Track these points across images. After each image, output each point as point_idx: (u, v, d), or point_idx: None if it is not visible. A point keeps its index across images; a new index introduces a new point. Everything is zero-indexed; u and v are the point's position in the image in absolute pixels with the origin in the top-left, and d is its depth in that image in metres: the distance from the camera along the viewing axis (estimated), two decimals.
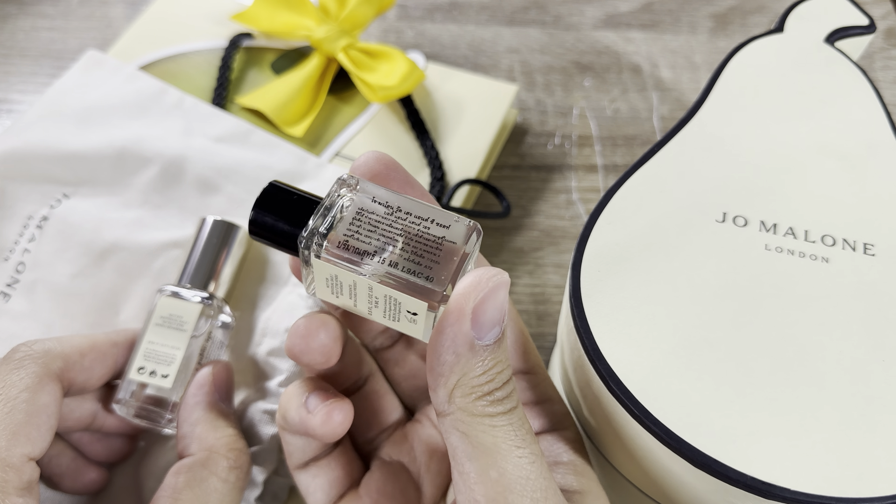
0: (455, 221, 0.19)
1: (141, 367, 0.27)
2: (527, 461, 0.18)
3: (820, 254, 0.26)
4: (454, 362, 0.18)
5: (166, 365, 0.27)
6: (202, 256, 0.30)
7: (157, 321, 0.28)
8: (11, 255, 0.32)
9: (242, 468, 0.25)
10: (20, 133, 0.35)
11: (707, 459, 0.21)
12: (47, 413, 0.23)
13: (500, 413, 0.18)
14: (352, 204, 0.19)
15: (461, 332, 0.18)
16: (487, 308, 0.18)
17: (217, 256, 0.30)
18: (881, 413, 0.22)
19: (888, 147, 0.29)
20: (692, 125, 0.30)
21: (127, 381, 0.27)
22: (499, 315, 0.18)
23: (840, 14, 0.34)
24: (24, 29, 0.48)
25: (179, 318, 0.28)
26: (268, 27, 0.41)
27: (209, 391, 0.26)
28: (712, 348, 0.23)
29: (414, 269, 0.19)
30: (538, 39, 0.48)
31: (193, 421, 0.25)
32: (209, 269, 0.30)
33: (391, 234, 0.19)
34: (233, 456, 0.25)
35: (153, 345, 0.27)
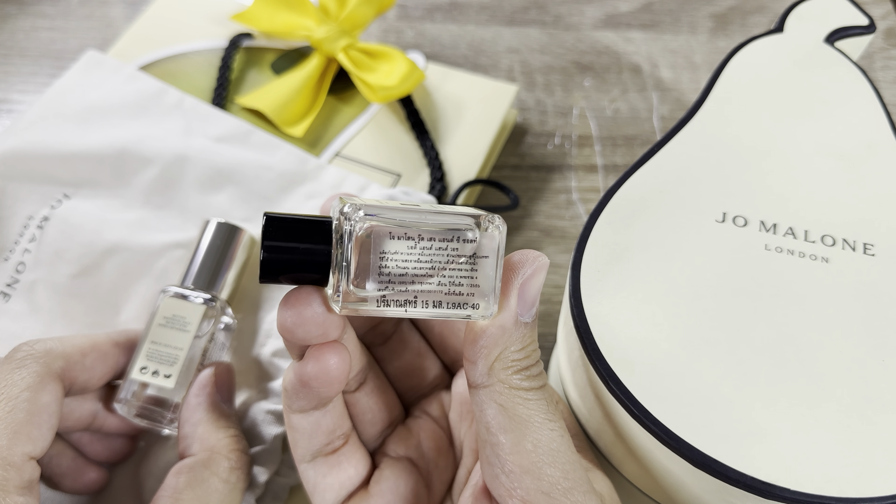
0: (476, 227, 0.18)
1: (143, 366, 0.27)
2: (557, 434, 0.19)
3: (820, 254, 0.26)
4: (499, 335, 0.19)
5: (169, 365, 0.27)
6: (206, 258, 0.30)
7: (160, 321, 0.28)
8: (11, 255, 0.32)
9: (243, 469, 0.25)
10: (20, 133, 0.35)
11: (707, 459, 0.21)
12: (48, 412, 0.23)
13: (534, 388, 0.19)
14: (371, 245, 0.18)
15: (508, 309, 0.19)
16: (531, 287, 0.19)
17: (220, 259, 0.30)
18: (881, 413, 0.22)
19: (888, 147, 0.29)
20: (692, 125, 0.30)
21: (129, 380, 0.27)
22: (537, 295, 0.19)
23: (840, 14, 0.34)
24: (24, 29, 0.48)
25: (183, 319, 0.28)
26: (268, 27, 0.41)
27: (211, 392, 0.26)
28: (712, 348, 0.23)
29: (457, 302, 0.19)
30: (538, 39, 0.48)
31: (195, 421, 0.25)
32: (213, 271, 0.30)
33: (422, 271, 0.18)
34: (234, 457, 0.25)
35: (156, 345, 0.27)
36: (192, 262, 0.30)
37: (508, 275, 0.19)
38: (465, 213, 0.19)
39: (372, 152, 0.38)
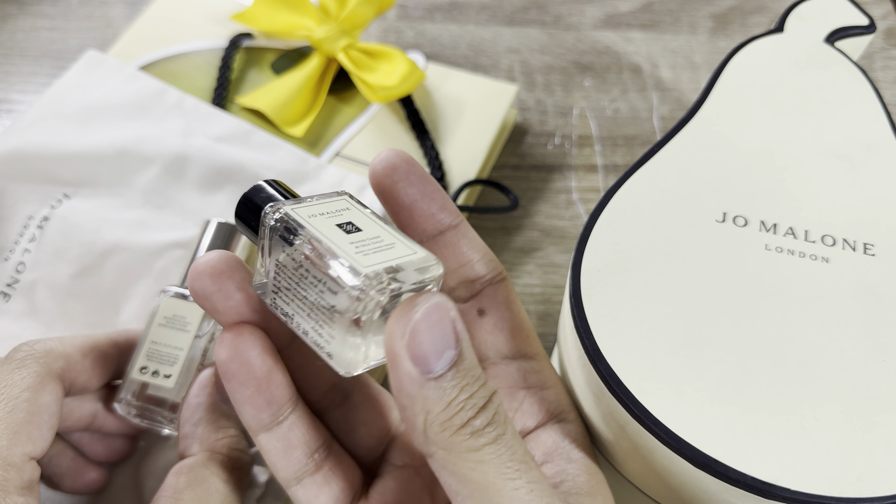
0: (349, 287, 0.17)
1: (143, 366, 0.27)
2: (524, 492, 0.17)
3: (820, 254, 0.26)
4: (411, 404, 0.17)
5: (169, 365, 0.27)
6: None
7: (160, 321, 0.28)
8: (11, 255, 0.32)
9: (244, 469, 0.25)
10: (20, 133, 0.35)
11: (707, 459, 0.21)
12: (48, 413, 0.23)
13: (484, 445, 0.17)
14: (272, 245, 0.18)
15: (403, 374, 0.16)
16: (423, 339, 0.16)
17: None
18: (881, 413, 0.22)
19: (888, 147, 0.29)
20: (692, 125, 0.30)
21: (129, 380, 0.27)
22: (443, 340, 0.17)
23: (840, 14, 0.34)
24: (24, 29, 0.48)
25: (183, 319, 0.28)
26: (268, 27, 0.41)
27: (211, 392, 0.26)
28: (712, 348, 0.23)
29: (318, 342, 0.18)
30: (538, 39, 0.48)
31: (195, 421, 0.25)
32: None
33: (299, 296, 0.18)
34: (234, 457, 0.25)
35: (156, 345, 0.27)
36: (192, 262, 0.30)
37: (389, 340, 0.17)
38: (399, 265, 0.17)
39: (372, 152, 0.38)
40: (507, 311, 0.23)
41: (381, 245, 0.18)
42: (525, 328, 0.24)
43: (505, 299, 0.23)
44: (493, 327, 0.23)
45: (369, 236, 0.18)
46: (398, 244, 0.18)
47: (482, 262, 0.23)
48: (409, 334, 0.16)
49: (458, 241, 0.22)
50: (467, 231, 0.22)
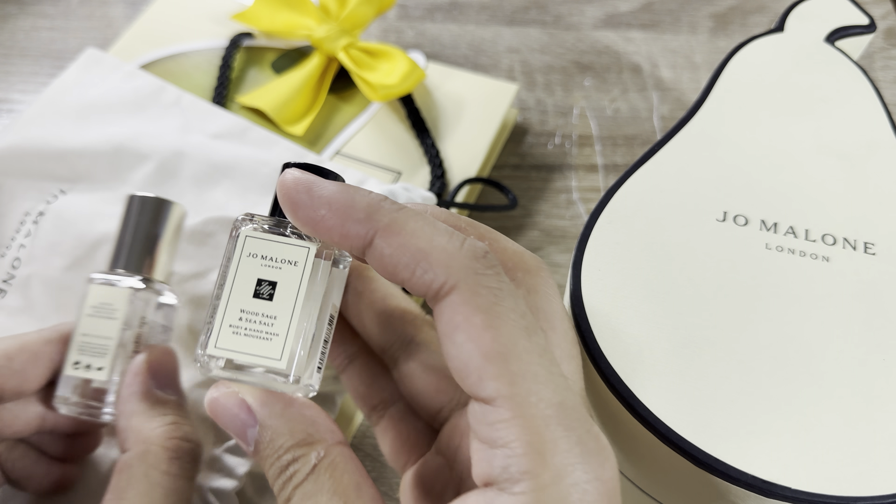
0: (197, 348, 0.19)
1: (76, 361, 0.25)
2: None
3: (820, 253, 0.26)
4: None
5: (100, 357, 0.26)
6: (133, 238, 0.28)
7: (88, 311, 0.26)
8: (8, 252, 0.32)
9: (185, 457, 0.23)
10: (19, 130, 0.35)
11: (708, 458, 0.21)
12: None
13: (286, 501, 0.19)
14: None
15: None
16: (223, 425, 0.19)
17: (150, 236, 0.28)
18: (881, 412, 0.22)
19: (888, 146, 0.29)
20: (692, 125, 0.30)
21: (64, 377, 0.26)
22: (237, 424, 0.19)
23: (840, 13, 0.34)
24: (24, 29, 0.48)
25: (110, 307, 0.26)
26: (268, 27, 0.41)
27: (143, 380, 0.25)
28: (713, 347, 0.23)
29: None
30: (538, 39, 0.48)
31: (128, 413, 0.24)
32: (142, 250, 0.28)
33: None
34: (171, 445, 0.23)
35: (86, 337, 0.26)
36: (118, 244, 0.28)
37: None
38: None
39: (372, 150, 0.38)
40: (450, 346, 0.17)
41: (263, 330, 0.18)
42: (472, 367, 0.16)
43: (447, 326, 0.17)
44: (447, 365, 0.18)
45: (267, 313, 0.18)
46: (278, 339, 0.18)
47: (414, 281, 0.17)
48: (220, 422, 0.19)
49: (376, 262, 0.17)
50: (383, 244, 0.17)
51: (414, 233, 0.17)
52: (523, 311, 0.17)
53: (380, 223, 0.17)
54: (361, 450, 0.32)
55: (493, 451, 0.16)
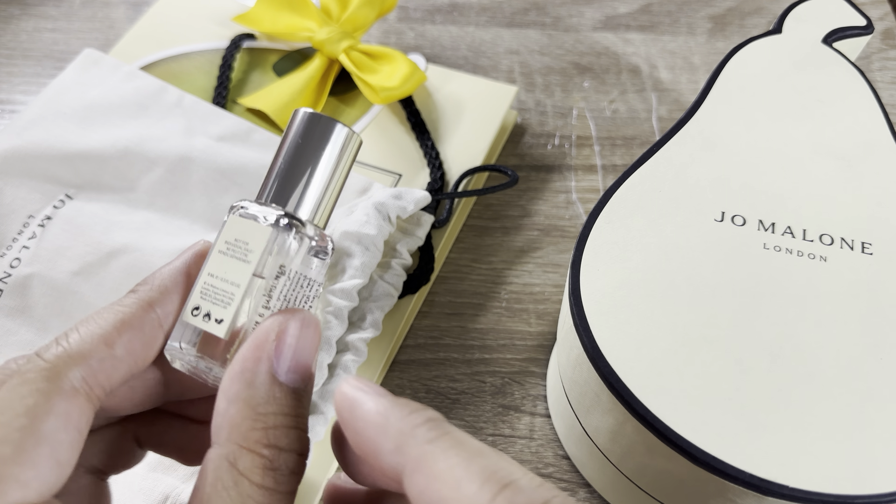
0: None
1: (196, 306, 0.20)
2: None
3: (818, 253, 0.26)
4: None
5: (223, 306, 0.20)
6: (290, 165, 0.21)
7: (220, 247, 0.20)
8: (8, 252, 0.32)
9: (284, 469, 0.18)
10: (20, 132, 0.35)
11: (706, 457, 0.21)
12: (53, 443, 0.17)
13: None
14: None
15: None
16: None
17: (308, 164, 0.21)
18: (879, 410, 0.22)
19: (886, 147, 0.29)
20: (690, 126, 0.30)
21: (180, 322, 0.20)
22: None
23: (838, 15, 0.34)
24: (26, 30, 0.48)
25: (245, 246, 0.20)
26: (270, 29, 0.42)
27: (265, 356, 0.18)
28: (711, 346, 0.23)
29: None
30: (538, 41, 0.48)
31: (231, 395, 0.18)
32: (298, 182, 0.21)
33: None
34: (270, 455, 0.17)
35: (212, 278, 0.20)
36: (270, 170, 0.22)
37: None
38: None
39: (373, 153, 0.38)
40: None
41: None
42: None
43: None
44: None
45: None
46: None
47: None
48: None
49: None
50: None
51: (441, 475, 0.14)
52: None
53: (408, 457, 0.15)
54: None
55: None
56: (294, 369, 0.18)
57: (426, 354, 0.34)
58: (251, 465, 0.17)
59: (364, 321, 0.31)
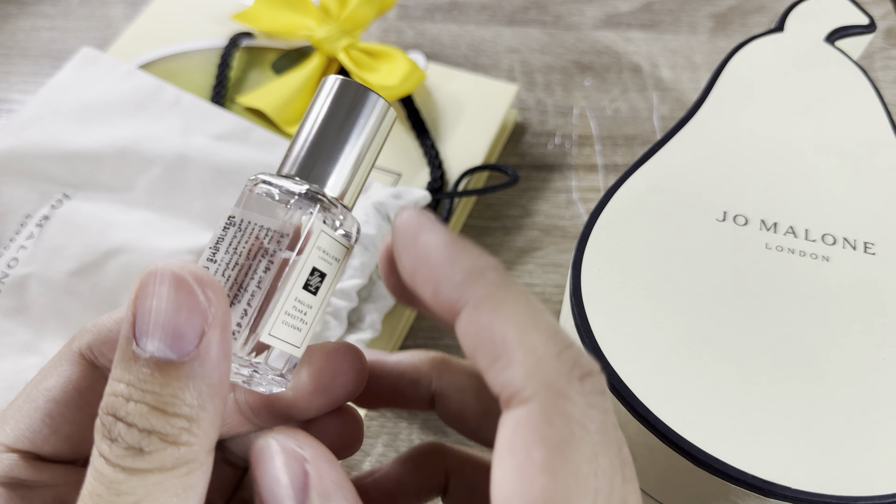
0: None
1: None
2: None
3: (820, 252, 0.26)
4: None
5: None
6: (320, 135, 0.18)
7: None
8: (6, 252, 0.32)
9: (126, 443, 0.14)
10: (17, 131, 0.35)
11: (708, 458, 0.21)
12: (44, 398, 0.17)
13: None
14: None
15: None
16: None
17: (338, 137, 0.18)
18: (881, 411, 0.22)
19: (888, 146, 0.29)
20: (692, 125, 0.30)
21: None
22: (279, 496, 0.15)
23: (840, 13, 0.34)
24: (24, 29, 0.48)
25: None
26: (268, 27, 0.41)
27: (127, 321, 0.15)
28: (713, 347, 0.23)
29: None
30: (538, 39, 0.48)
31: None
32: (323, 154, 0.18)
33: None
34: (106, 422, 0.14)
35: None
36: (294, 141, 0.19)
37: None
38: None
39: None
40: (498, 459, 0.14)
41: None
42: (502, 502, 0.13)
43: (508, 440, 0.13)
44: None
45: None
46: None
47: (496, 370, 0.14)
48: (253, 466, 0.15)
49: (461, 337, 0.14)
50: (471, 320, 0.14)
51: (508, 318, 0.14)
52: (607, 465, 0.13)
53: (474, 294, 0.14)
54: (361, 449, 0.32)
55: None
56: (156, 336, 0.14)
57: None
58: (98, 438, 0.15)
59: (363, 322, 0.31)
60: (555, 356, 0.13)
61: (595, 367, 0.14)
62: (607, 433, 0.13)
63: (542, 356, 0.13)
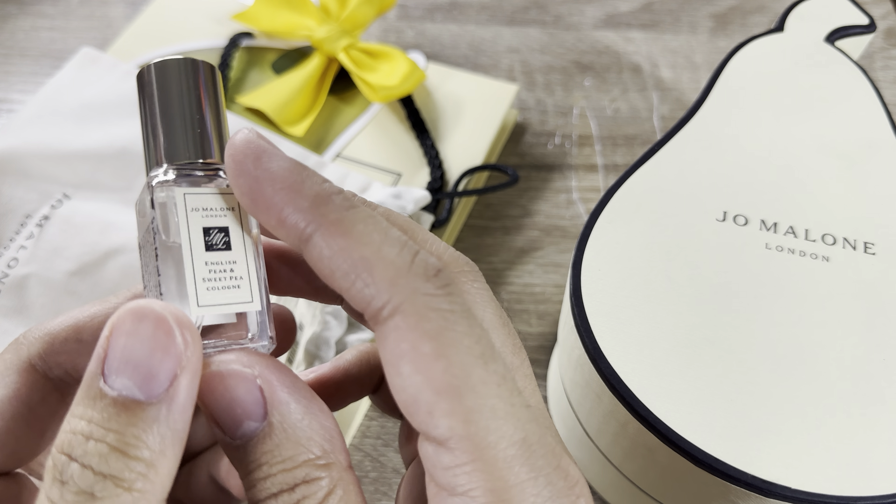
0: None
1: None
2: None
3: (820, 253, 0.26)
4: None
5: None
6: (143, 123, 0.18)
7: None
8: (6, 252, 0.32)
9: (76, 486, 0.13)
10: (17, 131, 0.35)
11: (708, 458, 0.21)
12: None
13: None
14: None
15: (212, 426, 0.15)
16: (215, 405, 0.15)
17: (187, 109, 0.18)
18: (881, 412, 0.22)
19: (888, 146, 0.29)
20: (692, 125, 0.30)
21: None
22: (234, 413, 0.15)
23: (840, 13, 0.34)
24: (24, 29, 0.48)
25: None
26: (269, 27, 0.41)
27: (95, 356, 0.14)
28: (713, 347, 0.23)
29: None
30: (538, 39, 0.48)
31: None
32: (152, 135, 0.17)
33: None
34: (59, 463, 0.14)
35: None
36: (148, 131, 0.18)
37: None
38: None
39: (373, 152, 0.38)
40: (395, 377, 0.14)
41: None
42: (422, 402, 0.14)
43: (392, 354, 0.14)
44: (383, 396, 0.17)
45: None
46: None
47: (352, 293, 0.15)
48: (200, 397, 0.15)
49: (314, 262, 0.15)
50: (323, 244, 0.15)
51: (361, 238, 0.14)
52: (479, 336, 0.14)
53: (324, 218, 0.15)
54: (361, 449, 0.32)
55: (452, 498, 0.14)
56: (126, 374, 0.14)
57: None
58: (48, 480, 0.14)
59: None
60: (409, 263, 0.14)
61: (440, 265, 0.15)
62: (467, 310, 0.15)
63: (399, 266, 0.14)
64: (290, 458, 0.14)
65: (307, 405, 0.15)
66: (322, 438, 0.15)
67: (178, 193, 0.16)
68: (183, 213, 0.16)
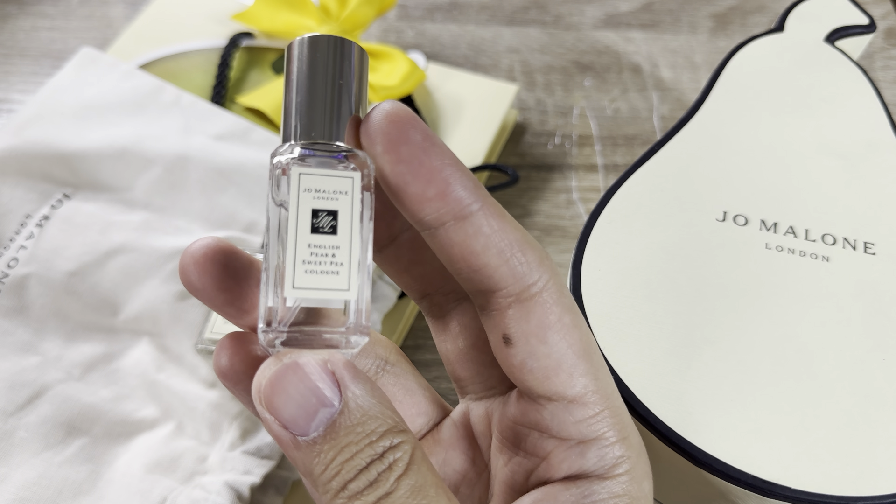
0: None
1: None
2: None
3: (820, 253, 0.26)
4: (294, 465, 0.16)
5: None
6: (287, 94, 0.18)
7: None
8: (6, 252, 0.32)
9: None
10: (17, 131, 0.35)
11: (708, 458, 0.21)
12: None
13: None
14: None
15: (275, 437, 0.15)
16: (280, 404, 0.15)
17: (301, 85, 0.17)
18: (881, 411, 0.22)
19: (888, 146, 0.29)
20: (692, 125, 0.30)
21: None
22: (307, 402, 0.15)
23: (840, 13, 0.34)
24: (24, 29, 0.48)
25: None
26: (269, 27, 0.41)
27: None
28: (713, 347, 0.23)
29: None
30: (538, 39, 0.48)
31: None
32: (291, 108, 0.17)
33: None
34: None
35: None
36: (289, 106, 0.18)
37: (255, 399, 0.15)
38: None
39: None
40: (540, 345, 0.17)
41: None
42: (566, 365, 0.17)
43: (539, 325, 0.17)
44: (521, 365, 0.18)
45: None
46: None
47: (503, 269, 0.16)
48: (265, 401, 0.15)
49: (467, 237, 0.16)
50: (484, 222, 0.16)
51: (512, 222, 0.17)
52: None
53: (486, 199, 0.17)
54: None
55: (585, 444, 0.17)
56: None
57: (426, 355, 0.34)
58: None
59: None
60: (542, 247, 0.17)
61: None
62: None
63: (539, 249, 0.17)
64: (373, 431, 0.15)
65: (364, 379, 0.16)
66: (390, 409, 0.16)
67: (294, 172, 0.17)
68: (295, 193, 0.16)
